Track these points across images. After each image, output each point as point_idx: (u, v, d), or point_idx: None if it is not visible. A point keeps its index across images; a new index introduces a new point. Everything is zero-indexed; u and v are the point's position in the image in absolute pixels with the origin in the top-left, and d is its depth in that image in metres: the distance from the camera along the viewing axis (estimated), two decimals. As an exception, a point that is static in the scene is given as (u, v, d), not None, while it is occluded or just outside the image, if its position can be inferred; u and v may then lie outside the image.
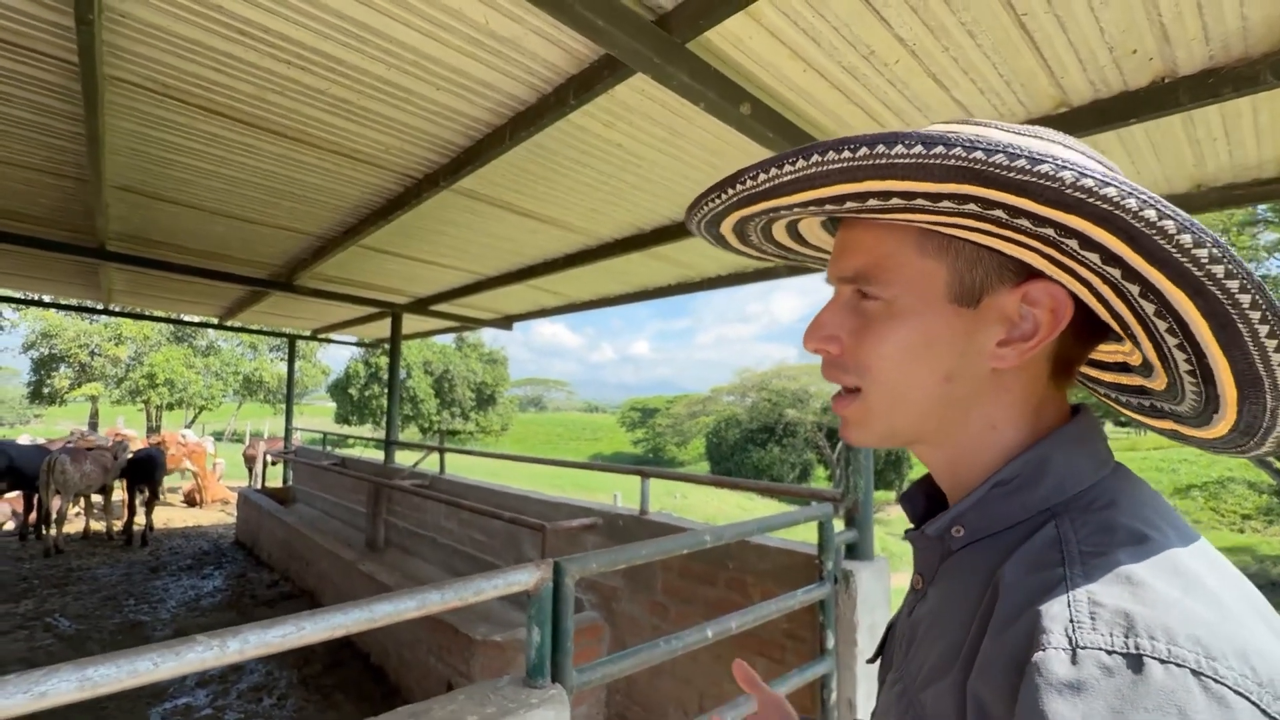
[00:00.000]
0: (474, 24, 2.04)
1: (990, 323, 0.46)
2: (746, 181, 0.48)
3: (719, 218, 0.55)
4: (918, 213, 0.44)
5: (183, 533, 9.49)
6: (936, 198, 0.41)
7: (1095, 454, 0.47)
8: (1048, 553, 0.40)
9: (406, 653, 4.09)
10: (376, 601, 1.22)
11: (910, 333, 0.47)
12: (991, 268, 0.46)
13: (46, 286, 7.33)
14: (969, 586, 0.45)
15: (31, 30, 2.16)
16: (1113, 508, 0.42)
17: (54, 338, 24.08)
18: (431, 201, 3.55)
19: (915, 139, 0.38)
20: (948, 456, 0.51)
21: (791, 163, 0.44)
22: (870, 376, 0.49)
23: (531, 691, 1.45)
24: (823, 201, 0.46)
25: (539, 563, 1.49)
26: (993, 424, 0.48)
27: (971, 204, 0.40)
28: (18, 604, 5.80)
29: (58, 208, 4.09)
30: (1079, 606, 0.35)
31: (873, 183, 0.42)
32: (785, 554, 2.88)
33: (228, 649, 1.03)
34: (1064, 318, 0.45)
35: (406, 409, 33.08)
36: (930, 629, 0.48)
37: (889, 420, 0.50)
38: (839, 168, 0.42)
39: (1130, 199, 0.35)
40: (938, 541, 0.51)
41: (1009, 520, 0.46)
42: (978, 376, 0.47)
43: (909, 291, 0.48)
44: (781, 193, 0.47)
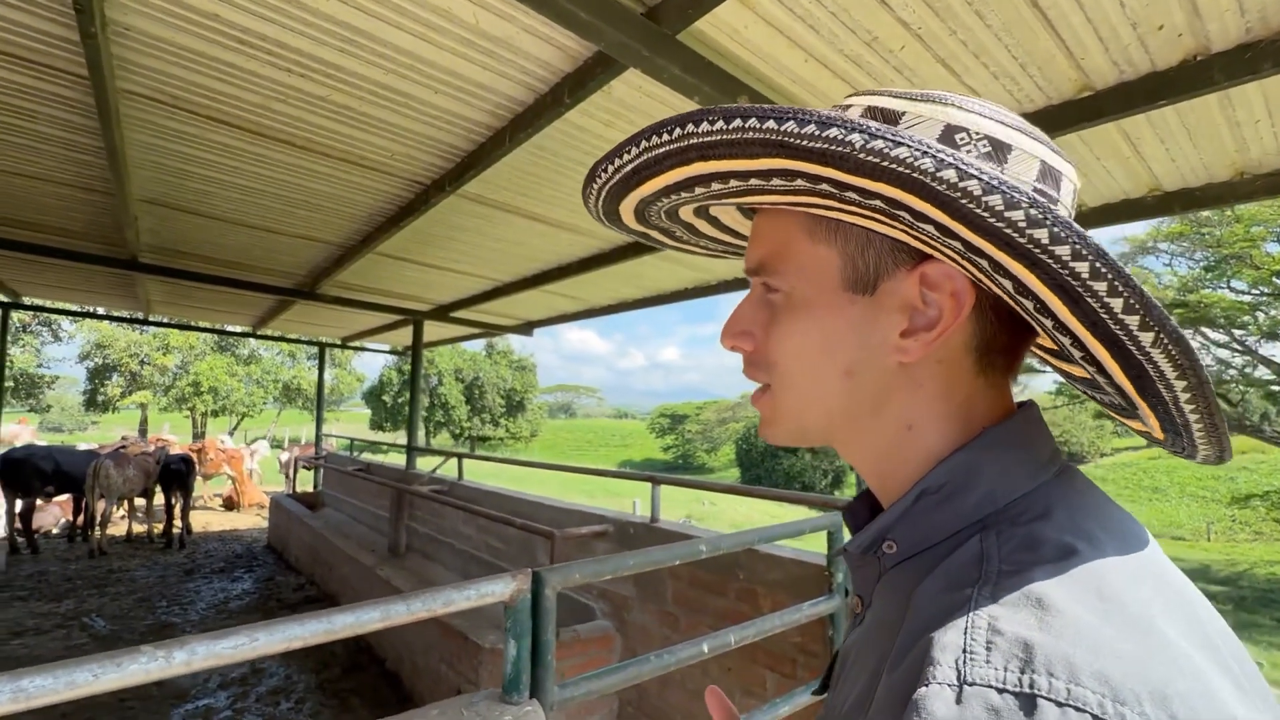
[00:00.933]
0: (464, 24, 2.02)
1: (890, 311, 0.42)
2: (599, 176, 0.47)
3: (608, 213, 0.54)
4: (775, 194, 0.41)
5: (219, 536, 9.77)
6: (765, 175, 0.39)
7: (1032, 457, 0.41)
8: (966, 571, 0.36)
9: (420, 659, 4.08)
10: (336, 613, 1.17)
11: (807, 324, 0.44)
12: (884, 250, 0.42)
13: (92, 298, 7.65)
14: (893, 609, 0.41)
15: (45, 46, 2.23)
16: (1043, 519, 0.37)
17: (107, 348, 25.27)
18: (440, 207, 3.56)
19: (718, 114, 0.37)
20: (872, 462, 0.47)
21: (627, 151, 0.44)
22: (776, 372, 0.47)
23: (506, 708, 1.39)
24: (677, 189, 0.45)
25: (516, 573, 1.44)
26: (908, 424, 0.44)
27: (799, 179, 0.38)
28: (59, 603, 6.02)
29: (91, 221, 4.25)
30: (976, 634, 0.31)
31: (702, 165, 0.40)
32: (797, 564, 2.77)
33: (174, 660, 1.00)
34: (965, 302, 0.41)
35: (438, 415, 33.66)
36: (857, 657, 0.44)
37: (797, 418, 0.47)
38: (664, 152, 0.41)
39: (926, 159, 0.32)
40: (874, 560, 0.46)
41: (939, 534, 0.41)
42: (883, 371, 0.43)
43: (804, 281, 0.45)
44: (634, 183, 0.46)
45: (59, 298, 7.84)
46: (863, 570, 0.48)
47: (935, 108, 0.41)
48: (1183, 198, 2.79)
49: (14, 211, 4.05)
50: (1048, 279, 0.34)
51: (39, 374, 25.48)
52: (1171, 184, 2.76)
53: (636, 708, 3.46)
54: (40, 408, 27.39)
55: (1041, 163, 0.40)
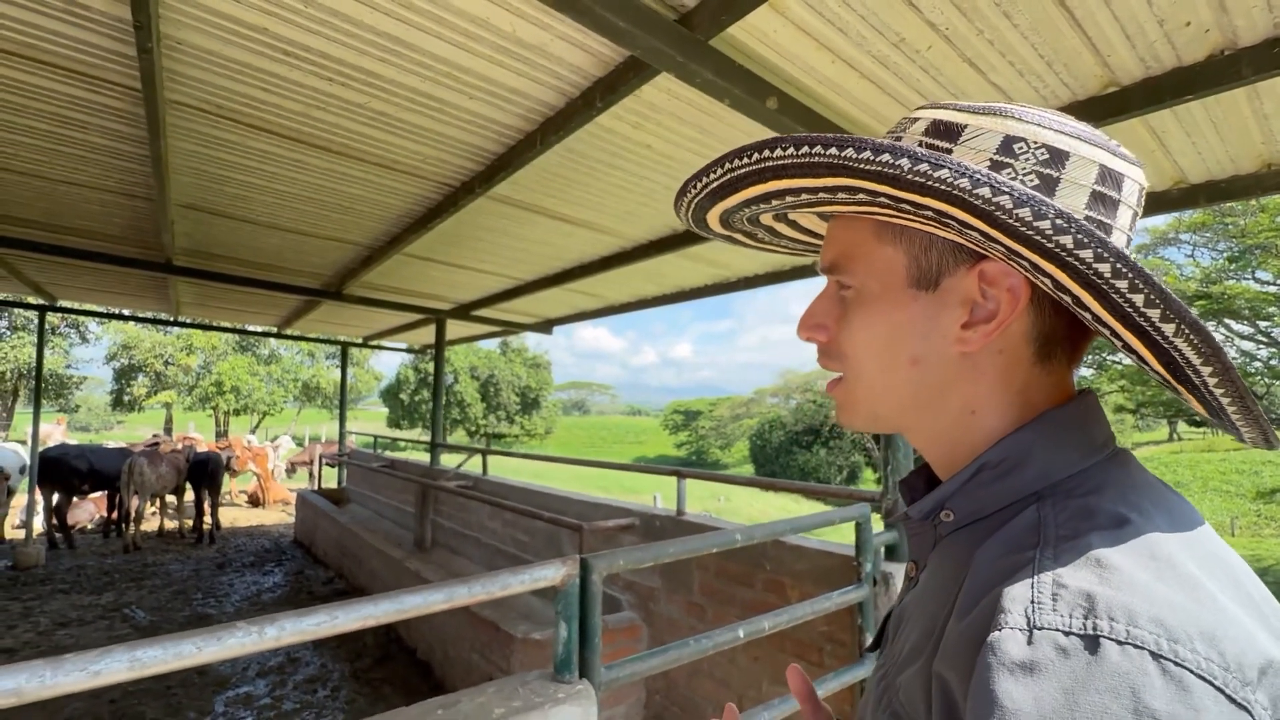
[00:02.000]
0: (502, 33, 2.09)
1: (951, 305, 0.47)
2: (688, 192, 0.55)
3: (697, 220, 0.61)
4: (843, 205, 0.47)
5: (247, 531, 10.00)
6: (832, 190, 0.44)
7: (1086, 439, 0.46)
8: (1024, 536, 0.40)
9: (451, 649, 4.19)
10: (406, 594, 1.26)
11: (876, 318, 0.49)
12: (945, 250, 0.47)
13: (123, 301, 7.86)
14: (950, 570, 0.45)
15: (100, 60, 2.33)
16: (1097, 493, 0.41)
17: (133, 349, 25.81)
18: (469, 209, 3.65)
19: (789, 142, 0.43)
20: (937, 444, 0.51)
21: (713, 172, 0.51)
22: (849, 363, 0.52)
23: (559, 686, 1.47)
24: (756, 201, 0.52)
25: (566, 559, 1.51)
26: (971, 409, 0.48)
27: (860, 194, 0.43)
28: (100, 596, 6.23)
29: (129, 226, 4.39)
30: (1042, 587, 0.35)
31: (777, 183, 0.46)
32: (824, 555, 2.82)
33: (265, 635, 1.09)
34: (1020, 297, 0.45)
35: (454, 413, 33.97)
36: (914, 614, 0.49)
37: (870, 405, 0.52)
38: (744, 173, 0.48)
39: (963, 179, 0.38)
40: (930, 528, 0.51)
41: (995, 504, 0.45)
42: (946, 360, 0.47)
43: (873, 278, 0.50)
44: (720, 197, 0.53)
45: (93, 300, 8.06)
46: (919, 537, 0.53)
47: (995, 120, 0.45)
48: (1208, 190, 2.80)
49: (58, 217, 4.20)
50: (1077, 277, 0.38)
51: (68, 375, 26.10)
52: (1197, 177, 2.77)
53: (665, 696, 3.53)
54: (69, 408, 28.06)
55: (1100, 167, 0.44)
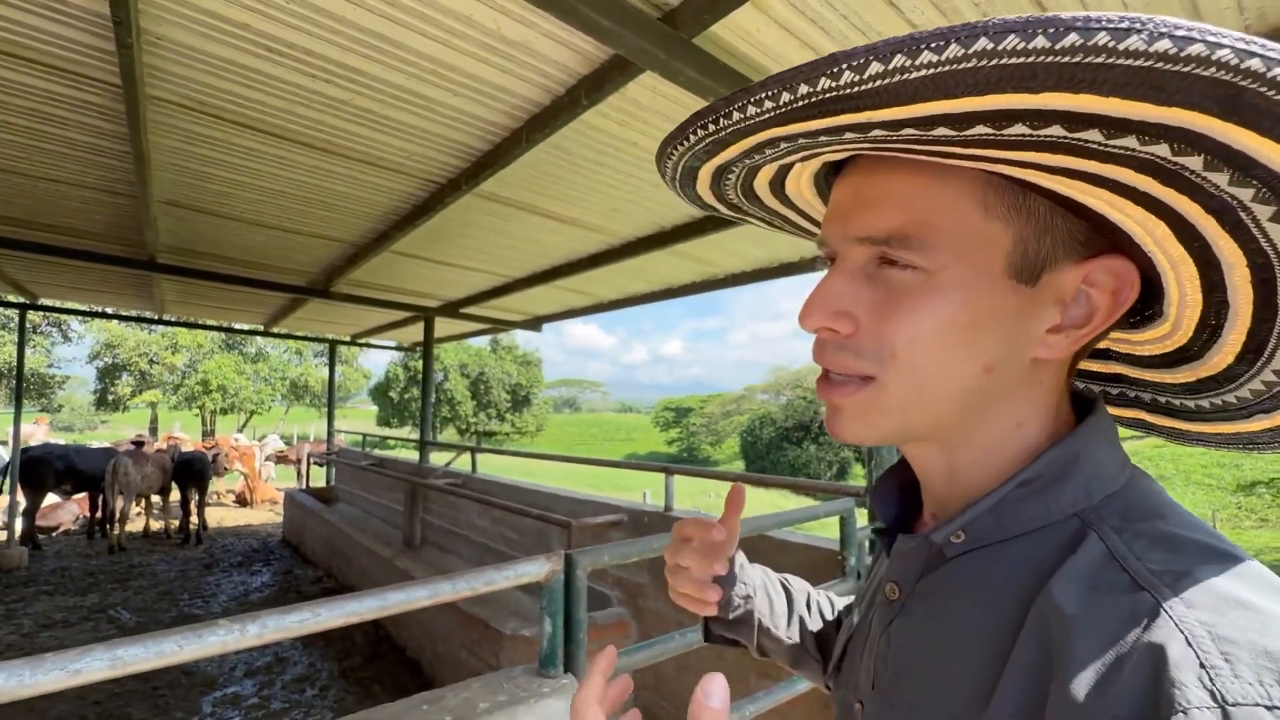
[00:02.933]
0: (486, 30, 2.09)
1: (1046, 304, 0.38)
2: (749, 108, 0.35)
3: (701, 156, 0.43)
4: (973, 146, 0.33)
5: (234, 531, 9.92)
6: (1002, 119, 0.30)
7: (1118, 453, 0.40)
8: (1106, 572, 0.33)
9: (441, 647, 4.19)
10: (390, 590, 1.26)
11: (957, 311, 0.38)
12: (1061, 237, 0.38)
13: (106, 299, 7.77)
14: (980, 606, 0.38)
15: (79, 55, 2.31)
16: (1159, 517, 0.36)
17: (116, 347, 25.48)
18: (455, 206, 3.64)
19: (946, 35, 0.27)
20: (954, 457, 0.43)
21: (811, 82, 0.31)
22: (896, 364, 0.39)
23: (544, 681, 1.48)
24: (842, 130, 0.35)
25: (550, 555, 1.52)
26: (1019, 421, 0.41)
27: (1056, 125, 0.29)
28: (84, 597, 6.17)
29: (111, 223, 4.34)
30: (1203, 644, 0.28)
31: (925, 105, 0.30)
32: (809, 550, 2.85)
33: (247, 632, 1.09)
34: (1127, 301, 0.38)
35: (444, 411, 33.83)
36: (927, 654, 0.41)
37: (905, 416, 0.41)
38: (886, 85, 0.29)
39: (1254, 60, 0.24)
40: (923, 547, 0.43)
41: (1025, 526, 0.38)
42: (1019, 367, 0.40)
43: (961, 261, 0.37)
44: (793, 119, 0.35)
45: (75, 298, 7.95)
46: (907, 556, 0.45)
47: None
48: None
49: (38, 214, 4.14)
50: None
51: (49, 374, 25.73)
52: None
53: (654, 691, 3.56)
54: (51, 407, 27.66)
55: None
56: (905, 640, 0.43)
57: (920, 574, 0.43)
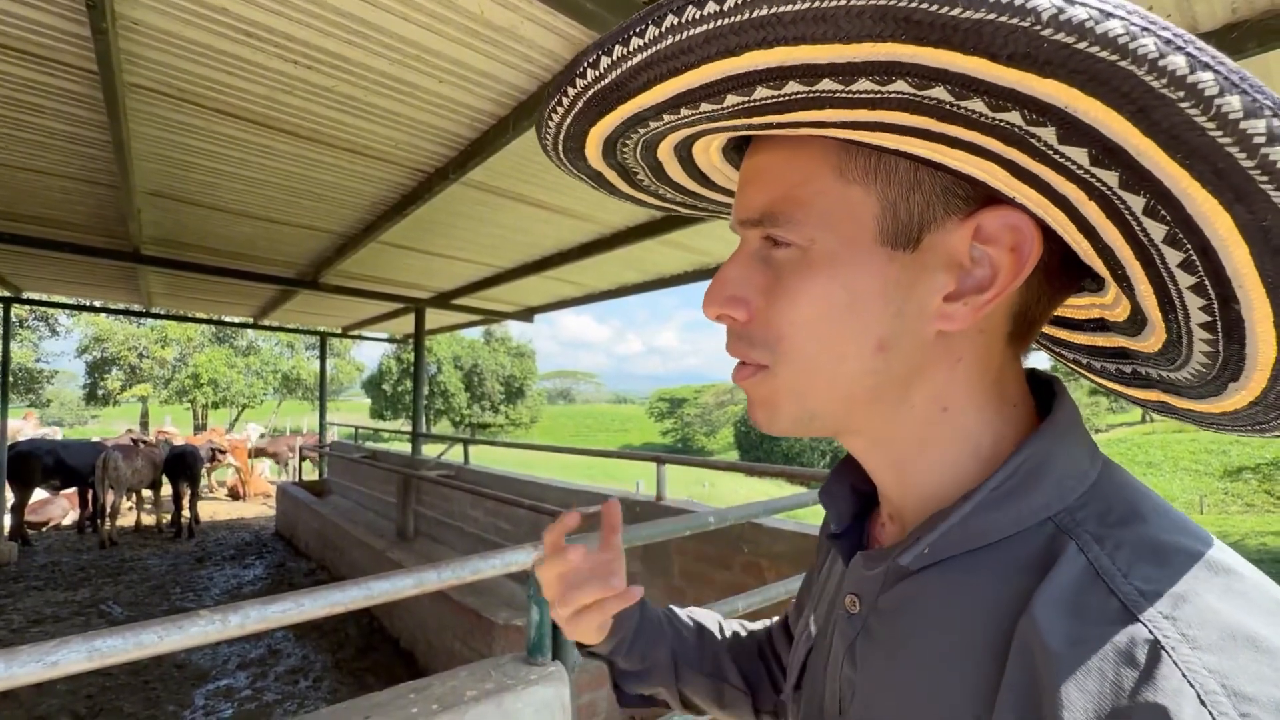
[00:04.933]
0: (470, 14, 2.06)
1: (934, 269, 0.35)
2: (586, 72, 0.34)
3: (575, 139, 0.41)
4: (829, 107, 0.31)
5: (227, 525, 9.89)
6: (849, 73, 0.28)
7: (1088, 442, 0.37)
8: (1092, 595, 0.30)
9: (434, 638, 4.20)
10: (375, 580, 1.25)
11: (831, 287, 0.35)
12: (934, 193, 0.34)
13: (93, 292, 7.68)
14: (954, 630, 0.34)
15: (54, 42, 2.26)
16: (1140, 520, 0.32)
17: (105, 341, 25.22)
18: (444, 195, 3.60)
19: None
20: (889, 448, 0.40)
21: (640, 33, 0.30)
22: (782, 349, 0.37)
23: (531, 668, 1.48)
24: (696, 97, 0.33)
25: (538, 543, 1.52)
26: (943, 405, 0.37)
27: (900, 80, 0.28)
28: (75, 592, 6.14)
29: (94, 214, 4.28)
30: (1219, 705, 0.24)
31: (756, 55, 0.28)
32: (800, 537, 2.87)
33: (230, 623, 1.08)
34: (1030, 257, 0.33)
35: (438, 403, 33.77)
36: (889, 678, 0.38)
37: (803, 403, 0.38)
38: (704, 31, 0.28)
39: (1147, 38, 0.22)
40: (879, 555, 0.40)
41: (995, 535, 0.35)
42: (920, 343, 0.36)
43: (829, 231, 0.35)
44: (636, 85, 0.33)
45: (61, 291, 7.86)
46: (864, 567, 0.41)
47: None
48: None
49: (18, 206, 4.08)
50: (1247, 221, 0.25)
51: (37, 369, 25.47)
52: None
53: (646, 678, 3.59)
54: (40, 403, 27.41)
55: None
56: (871, 664, 0.39)
57: (881, 588, 0.40)
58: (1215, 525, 17.06)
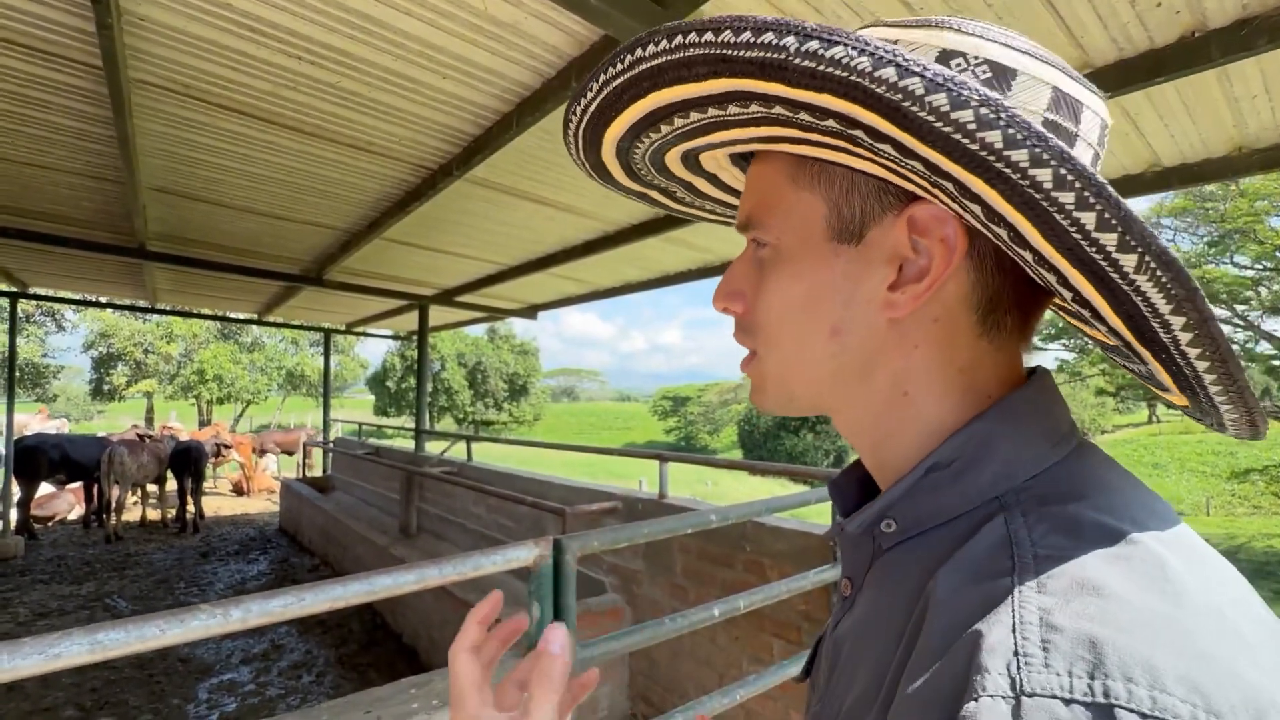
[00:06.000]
0: (474, 10, 2.06)
1: (877, 263, 0.38)
2: (570, 121, 0.44)
3: (594, 165, 0.50)
4: (742, 127, 0.39)
5: (231, 520, 9.93)
6: (721, 101, 0.36)
7: (1052, 429, 0.37)
8: (994, 557, 0.31)
9: (436, 634, 4.21)
10: (377, 575, 1.25)
11: (791, 280, 0.41)
12: (870, 192, 0.38)
13: (98, 288, 7.71)
14: (897, 596, 0.37)
15: (59, 37, 2.26)
16: (1077, 499, 0.33)
17: (111, 337, 25.34)
18: (447, 192, 3.60)
19: (663, 33, 0.34)
20: (865, 431, 0.43)
21: (589, 90, 0.40)
22: (763, 336, 0.43)
23: (532, 665, 1.48)
24: (643, 126, 0.42)
25: (539, 540, 1.52)
26: (903, 389, 0.40)
27: (754, 104, 0.35)
28: (80, 586, 6.17)
29: (100, 210, 4.29)
30: (1028, 631, 0.26)
31: (657, 95, 0.38)
32: (802, 536, 2.86)
33: (231, 617, 1.08)
34: (956, 248, 0.36)
35: (442, 400, 33.82)
36: (854, 648, 0.40)
37: (784, 385, 0.44)
38: (621, 83, 0.39)
39: (863, 58, 0.28)
40: (867, 539, 0.42)
41: (948, 513, 0.37)
42: (872, 329, 0.39)
43: (788, 232, 0.41)
44: (602, 124, 0.43)
45: (66, 287, 7.89)
46: (856, 551, 0.43)
47: (930, 33, 0.37)
48: (1181, 173, 2.83)
49: (24, 201, 4.10)
50: (1011, 194, 0.29)
51: (44, 364, 25.62)
52: (1170, 159, 2.80)
53: (648, 676, 3.58)
54: (46, 398, 27.57)
55: (1054, 89, 0.35)
56: (845, 633, 0.42)
57: (866, 568, 0.42)
58: (1222, 527, 16.97)
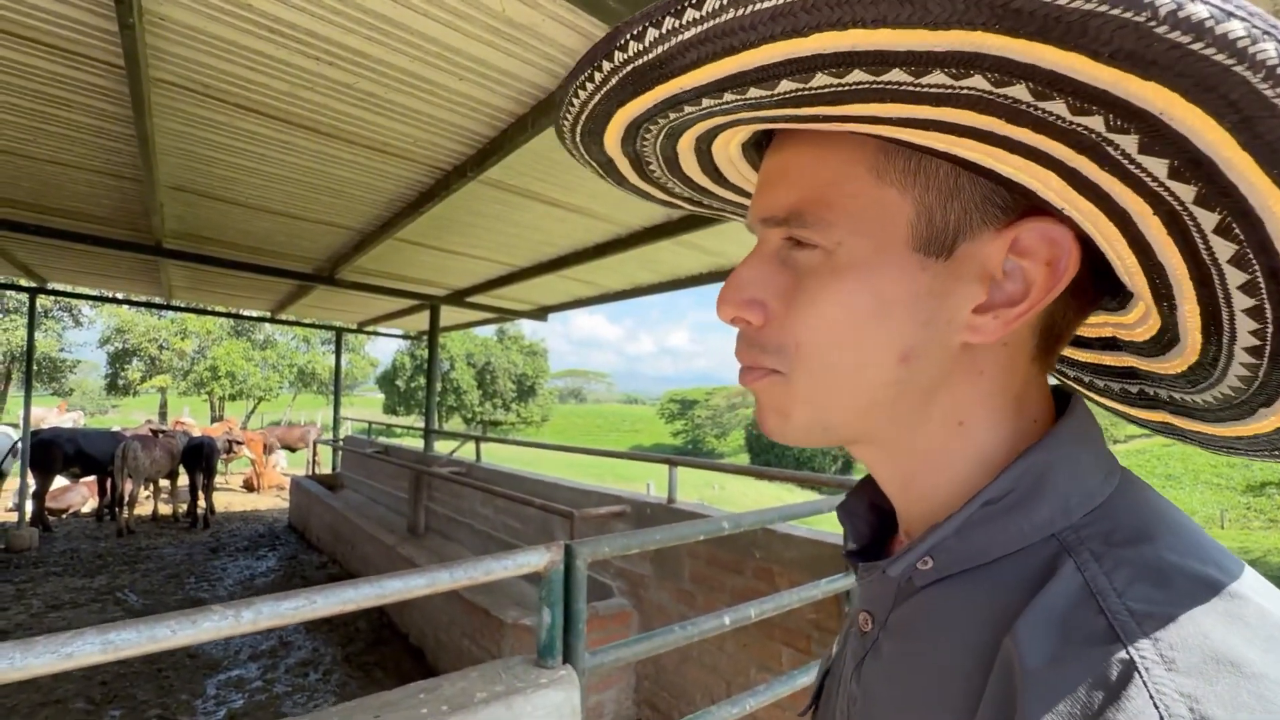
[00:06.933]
0: (492, 12, 2.05)
1: (966, 280, 0.34)
2: (628, 44, 0.31)
3: (598, 121, 0.38)
4: (892, 100, 0.29)
5: (241, 516, 10.00)
6: (925, 64, 0.26)
7: (1102, 458, 0.35)
8: (1080, 612, 0.28)
9: (442, 634, 4.21)
10: (387, 579, 1.25)
11: (858, 293, 0.34)
12: (974, 201, 0.33)
13: (115, 284, 7.80)
14: (948, 647, 0.33)
15: (82, 36, 2.29)
16: (1148, 540, 0.30)
17: (127, 333, 25.69)
18: (461, 193, 3.61)
19: None
20: (901, 464, 0.39)
21: (696, 3, 0.27)
22: (800, 355, 0.36)
23: (542, 671, 1.47)
24: (745, 81, 0.30)
25: (550, 545, 1.51)
26: (959, 419, 0.36)
27: (979, 75, 0.25)
28: (93, 579, 6.24)
29: (118, 207, 4.33)
30: None
31: (827, 36, 0.26)
32: (813, 544, 2.83)
33: (242, 619, 1.08)
34: (1066, 272, 0.32)
35: (450, 400, 33.97)
36: (888, 698, 0.37)
37: (820, 412, 0.37)
38: (771, 7, 0.25)
39: (1268, 43, 0.20)
40: (872, 567, 0.40)
41: (998, 551, 0.34)
42: (944, 355, 0.35)
43: (858, 234, 0.34)
44: (681, 64, 0.30)
45: (83, 283, 8.00)
46: (876, 583, 0.40)
47: None
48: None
49: (45, 198, 4.15)
50: None
51: (61, 358, 25.98)
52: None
53: (654, 682, 3.56)
54: (63, 391, 27.96)
55: None
56: (874, 682, 0.39)
57: (892, 605, 0.39)
58: (1236, 541, 16.72)
